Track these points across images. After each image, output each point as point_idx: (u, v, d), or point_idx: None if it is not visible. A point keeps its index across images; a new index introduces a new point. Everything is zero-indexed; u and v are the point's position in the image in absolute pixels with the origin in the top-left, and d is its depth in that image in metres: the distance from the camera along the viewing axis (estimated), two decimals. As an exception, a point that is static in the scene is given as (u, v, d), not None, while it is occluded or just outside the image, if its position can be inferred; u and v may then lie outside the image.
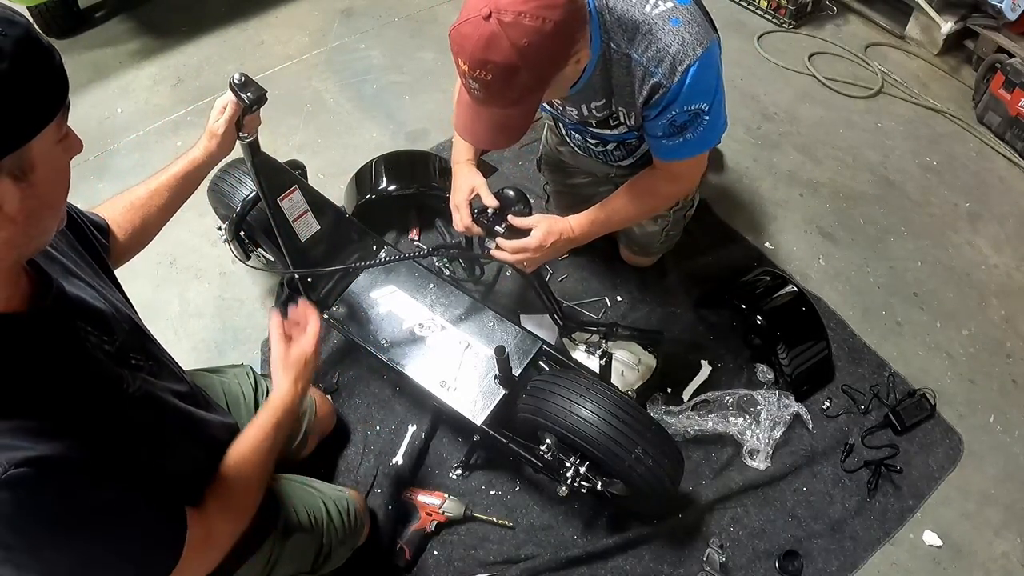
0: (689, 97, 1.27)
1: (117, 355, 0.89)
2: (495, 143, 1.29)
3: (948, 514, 1.75)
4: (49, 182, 0.72)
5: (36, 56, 0.67)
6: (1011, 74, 2.53)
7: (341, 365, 1.93)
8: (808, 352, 1.89)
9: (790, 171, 2.50)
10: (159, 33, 2.96)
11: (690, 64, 1.23)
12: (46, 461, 0.71)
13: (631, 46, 1.25)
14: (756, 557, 1.66)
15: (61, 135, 0.73)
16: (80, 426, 0.76)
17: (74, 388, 0.79)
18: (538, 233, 1.46)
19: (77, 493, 0.74)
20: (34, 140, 0.68)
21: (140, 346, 0.97)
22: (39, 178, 0.70)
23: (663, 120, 1.32)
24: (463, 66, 1.11)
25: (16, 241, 0.73)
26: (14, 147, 0.67)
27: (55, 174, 0.74)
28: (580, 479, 1.47)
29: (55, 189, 0.75)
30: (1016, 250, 2.32)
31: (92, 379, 0.82)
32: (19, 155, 0.67)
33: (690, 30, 1.23)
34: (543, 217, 1.50)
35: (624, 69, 1.28)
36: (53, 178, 0.73)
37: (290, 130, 2.56)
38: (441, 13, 3.08)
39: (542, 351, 1.67)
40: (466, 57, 1.09)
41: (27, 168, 0.69)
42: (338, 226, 1.80)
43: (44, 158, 0.70)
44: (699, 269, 2.15)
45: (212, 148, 1.29)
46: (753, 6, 3.14)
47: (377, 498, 1.69)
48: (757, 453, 1.77)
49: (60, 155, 0.74)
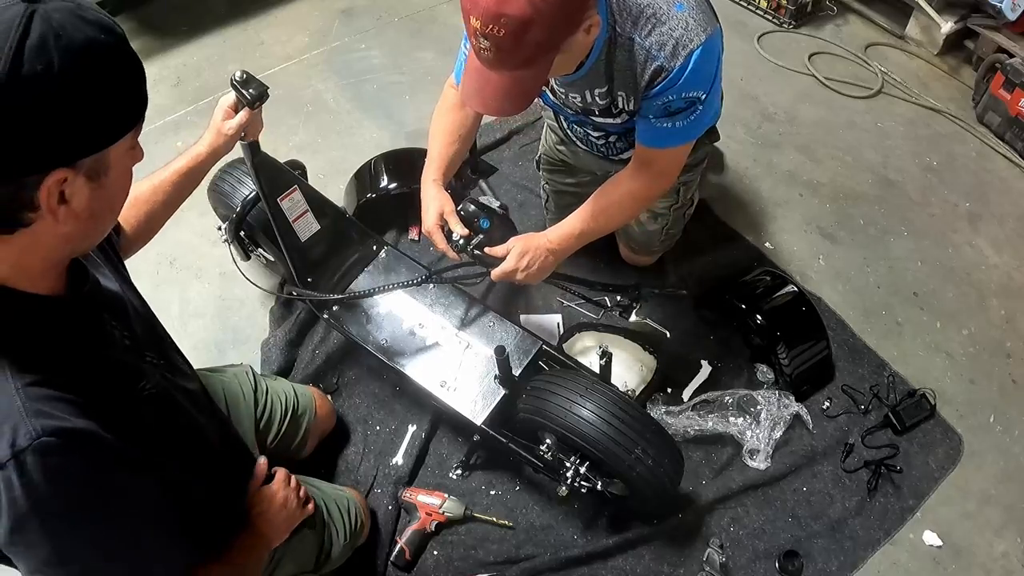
0: (689, 83, 1.27)
1: (136, 351, 0.90)
2: (503, 109, 1.25)
3: (948, 514, 1.75)
4: (116, 186, 0.76)
5: (132, 66, 0.72)
6: (1011, 74, 2.53)
7: (341, 365, 1.93)
8: (808, 352, 1.89)
9: (790, 171, 2.50)
10: (159, 33, 2.96)
11: (693, 49, 1.23)
12: (79, 434, 0.72)
13: (635, 30, 1.25)
14: (756, 557, 1.66)
15: (133, 143, 0.76)
16: (105, 411, 0.77)
17: (100, 375, 0.80)
18: (513, 255, 1.48)
19: (103, 474, 0.75)
20: (114, 145, 0.71)
21: (155, 345, 0.98)
22: (109, 181, 0.74)
23: (659, 102, 1.32)
24: (475, 23, 1.09)
25: (75, 237, 0.76)
26: (101, 147, 0.70)
27: (122, 179, 0.77)
28: (580, 479, 1.47)
29: (119, 194, 0.78)
30: (1016, 250, 2.32)
31: (115, 369, 0.84)
32: (99, 157, 0.71)
33: (694, 16, 1.23)
34: (516, 239, 1.51)
35: (627, 53, 1.28)
36: (120, 183, 0.77)
37: (290, 130, 2.56)
38: (441, 13, 3.08)
39: (542, 351, 1.67)
40: (479, 12, 1.07)
41: (102, 170, 0.72)
42: (338, 226, 1.80)
43: (118, 163, 0.74)
44: (699, 269, 2.15)
45: (217, 144, 1.30)
46: (753, 6, 3.14)
47: (377, 498, 1.69)
48: (757, 453, 1.77)
49: (128, 162, 0.78)
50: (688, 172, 1.87)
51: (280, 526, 1.16)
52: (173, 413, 0.94)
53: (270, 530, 1.13)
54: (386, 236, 2.18)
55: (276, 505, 1.15)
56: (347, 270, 1.82)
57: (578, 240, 1.53)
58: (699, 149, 1.80)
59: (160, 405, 0.91)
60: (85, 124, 0.68)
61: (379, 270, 1.85)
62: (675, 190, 1.90)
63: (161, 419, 0.90)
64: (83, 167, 0.69)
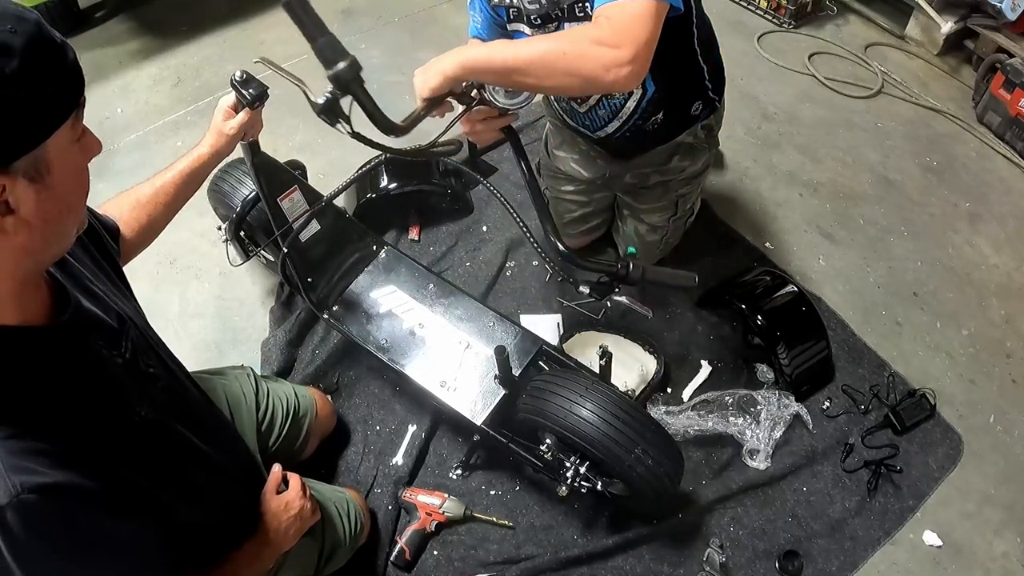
0: None
1: (130, 366, 0.87)
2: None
3: (948, 514, 1.75)
4: (66, 184, 0.70)
5: (48, 53, 0.65)
6: (1011, 74, 2.53)
7: (341, 365, 1.93)
8: (808, 352, 1.89)
9: (790, 171, 2.50)
10: (159, 33, 2.96)
11: None
12: (59, 489, 0.70)
13: None
14: (756, 557, 1.66)
15: (77, 134, 0.71)
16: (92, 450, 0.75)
17: (87, 409, 0.77)
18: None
19: (85, 524, 0.74)
20: (49, 140, 0.66)
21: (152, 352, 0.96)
22: (56, 180, 0.68)
23: None
24: None
25: (34, 246, 0.70)
26: (29, 147, 0.64)
27: (72, 175, 0.71)
28: (580, 479, 1.47)
29: (73, 191, 0.72)
30: (1016, 250, 2.32)
31: (106, 398, 0.81)
32: (35, 156, 0.65)
33: None
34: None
35: None
36: (70, 179, 0.71)
37: (290, 130, 2.56)
38: (441, 13, 3.08)
39: (542, 351, 1.67)
40: None
41: (43, 169, 0.67)
42: (338, 226, 1.80)
43: (60, 158, 0.68)
44: (699, 269, 2.14)
45: (220, 145, 1.29)
46: (753, 6, 3.15)
47: (377, 498, 1.69)
48: (757, 453, 1.77)
49: (77, 155, 0.72)
50: (688, 184, 1.86)
51: (291, 535, 1.15)
52: (168, 437, 0.92)
53: (280, 538, 1.13)
54: (386, 236, 2.19)
55: (290, 514, 1.15)
56: (347, 270, 1.82)
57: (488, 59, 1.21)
58: (700, 158, 1.80)
59: (155, 431, 0.88)
60: (7, 123, 0.62)
61: (379, 270, 1.84)
62: (673, 202, 1.89)
63: (155, 446, 0.88)
64: (18, 170, 0.64)
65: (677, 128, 1.68)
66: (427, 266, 1.89)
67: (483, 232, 2.26)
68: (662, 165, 1.79)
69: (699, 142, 1.75)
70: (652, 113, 1.59)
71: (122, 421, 0.83)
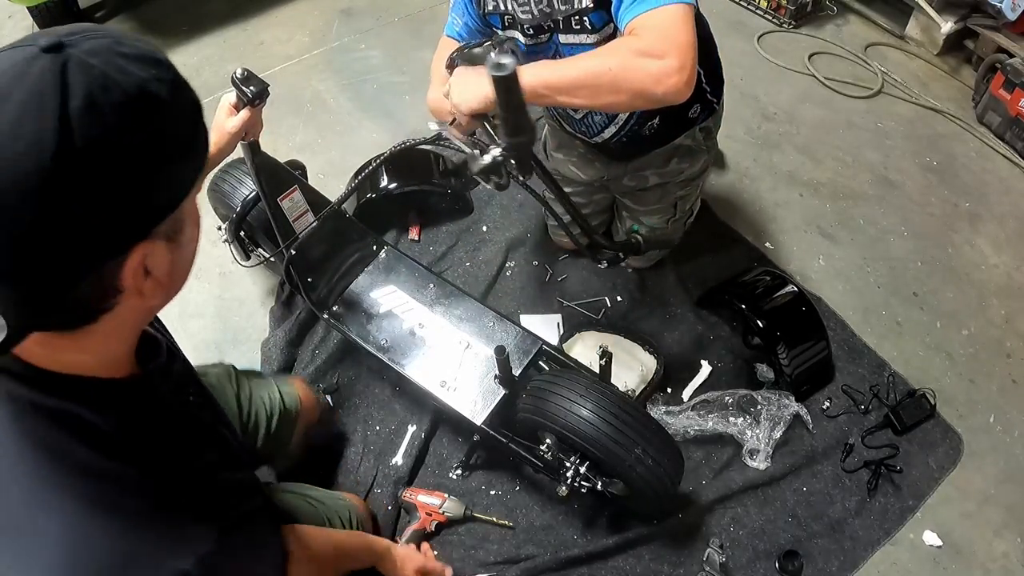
0: None
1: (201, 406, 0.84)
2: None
3: (948, 514, 1.75)
4: (192, 239, 0.65)
5: (190, 98, 0.59)
6: (1011, 74, 2.53)
7: (341, 365, 1.93)
8: (808, 352, 1.89)
9: (790, 171, 2.50)
10: (159, 33, 2.95)
11: None
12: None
13: None
14: (756, 557, 1.66)
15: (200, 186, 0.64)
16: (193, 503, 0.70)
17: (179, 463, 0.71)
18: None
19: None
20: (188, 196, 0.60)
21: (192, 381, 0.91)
22: (186, 237, 0.63)
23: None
24: None
25: (160, 304, 0.66)
26: (176, 206, 0.59)
27: (196, 225, 0.65)
28: (580, 479, 1.47)
29: (195, 241, 0.67)
30: (1016, 250, 2.32)
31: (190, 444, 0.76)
32: (175, 215, 0.59)
33: None
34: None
35: None
36: (195, 234, 0.65)
37: (290, 130, 2.56)
38: (441, 13, 3.07)
39: (542, 351, 1.67)
40: None
41: (178, 228, 0.62)
42: (338, 226, 1.80)
43: (190, 213, 0.63)
44: (699, 269, 2.15)
45: (222, 143, 1.29)
46: (753, 6, 3.14)
47: (377, 498, 1.69)
48: (757, 453, 1.77)
49: (194, 203, 0.65)
50: (687, 186, 1.86)
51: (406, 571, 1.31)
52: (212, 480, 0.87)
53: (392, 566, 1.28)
54: (386, 236, 2.18)
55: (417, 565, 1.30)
56: (347, 270, 1.83)
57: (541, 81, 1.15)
58: (699, 161, 1.79)
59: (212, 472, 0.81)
60: (157, 185, 0.56)
61: (379, 270, 1.85)
62: (672, 204, 1.89)
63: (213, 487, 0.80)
64: (160, 233, 0.58)
65: (675, 132, 1.68)
66: (427, 266, 1.89)
67: (483, 232, 2.27)
68: (661, 167, 1.79)
69: (698, 144, 1.75)
70: (648, 118, 1.59)
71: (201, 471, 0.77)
